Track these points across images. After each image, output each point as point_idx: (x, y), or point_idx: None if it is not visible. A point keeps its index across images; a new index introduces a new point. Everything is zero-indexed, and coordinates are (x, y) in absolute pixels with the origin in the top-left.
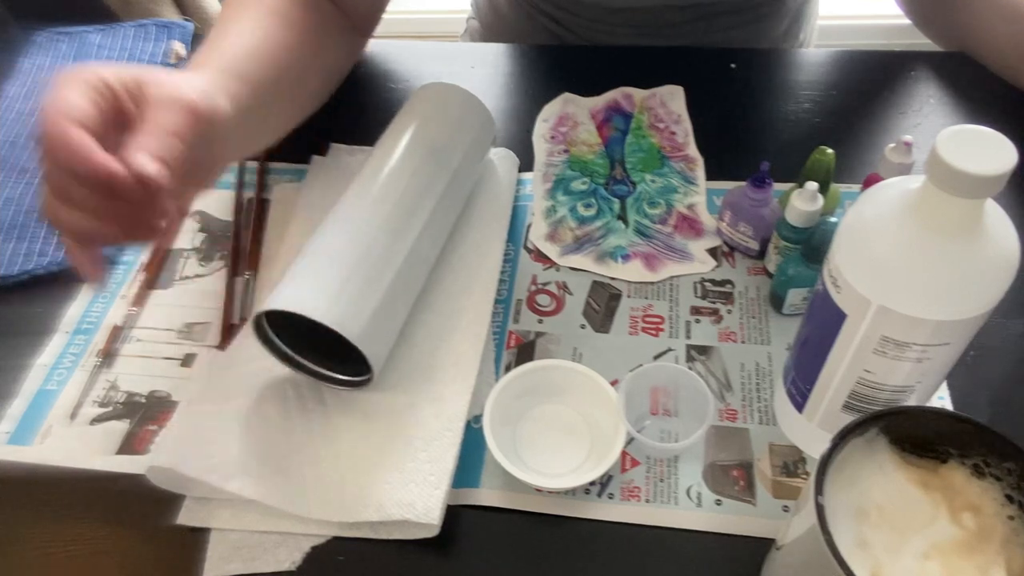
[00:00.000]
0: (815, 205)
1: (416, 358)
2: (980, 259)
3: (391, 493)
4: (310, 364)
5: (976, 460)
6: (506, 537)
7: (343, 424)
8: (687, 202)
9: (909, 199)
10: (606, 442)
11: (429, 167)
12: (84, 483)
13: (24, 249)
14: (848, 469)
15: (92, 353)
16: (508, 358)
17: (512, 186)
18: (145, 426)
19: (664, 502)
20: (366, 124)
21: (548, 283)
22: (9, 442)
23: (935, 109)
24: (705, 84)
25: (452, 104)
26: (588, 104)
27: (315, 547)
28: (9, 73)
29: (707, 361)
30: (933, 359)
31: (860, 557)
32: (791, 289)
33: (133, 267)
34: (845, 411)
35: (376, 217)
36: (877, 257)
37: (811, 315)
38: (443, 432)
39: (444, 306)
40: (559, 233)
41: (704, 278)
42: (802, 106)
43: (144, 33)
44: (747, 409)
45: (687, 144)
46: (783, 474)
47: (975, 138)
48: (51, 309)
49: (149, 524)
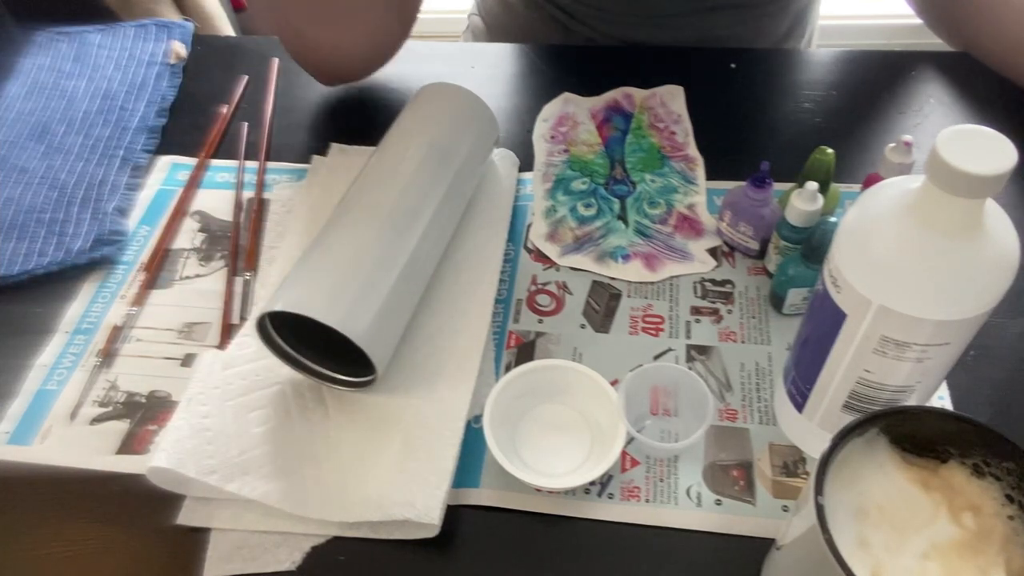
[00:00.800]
0: (815, 205)
1: (416, 358)
2: (980, 259)
3: (391, 493)
4: (313, 365)
5: (976, 460)
6: (506, 537)
7: (343, 424)
8: (687, 202)
9: (909, 199)
10: (606, 442)
11: (432, 167)
12: (84, 483)
13: (24, 249)
14: (848, 469)
15: (92, 353)
16: (508, 358)
17: (512, 186)
18: (145, 426)
19: (664, 502)
20: (366, 124)
21: (548, 283)
22: (9, 442)
23: (935, 109)
24: (705, 84)
25: (456, 105)
26: (588, 104)
27: (315, 547)
28: (9, 73)
29: (707, 361)
30: (933, 359)
31: (860, 557)
32: (791, 289)
33: (133, 267)
34: (845, 411)
35: (380, 217)
36: (877, 257)
37: (811, 315)
38: (443, 432)
39: (445, 307)
40: (559, 233)
41: (704, 278)
42: (802, 106)
43: (144, 33)
44: (747, 409)
45: (687, 144)
46: (783, 474)
47: (975, 138)
48: (51, 309)
49: (149, 524)
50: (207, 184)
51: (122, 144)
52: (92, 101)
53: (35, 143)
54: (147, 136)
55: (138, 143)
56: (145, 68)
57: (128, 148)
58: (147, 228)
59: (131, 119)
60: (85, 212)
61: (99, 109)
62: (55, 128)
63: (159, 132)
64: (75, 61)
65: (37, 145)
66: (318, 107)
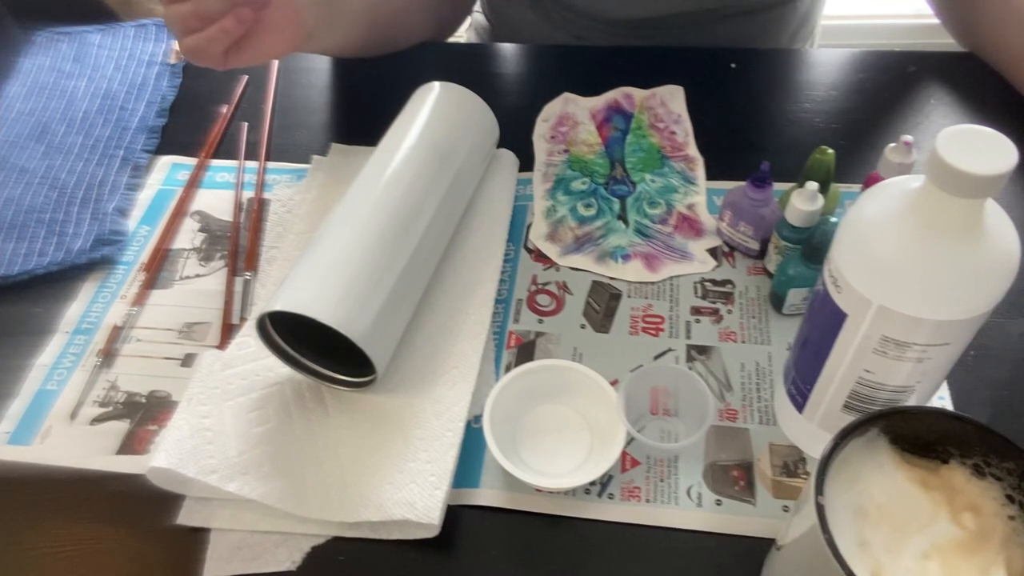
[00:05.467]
0: (815, 205)
1: (417, 358)
2: (980, 259)
3: (391, 493)
4: (313, 365)
5: (976, 460)
6: (506, 537)
7: (343, 424)
8: (687, 202)
9: (909, 199)
10: (606, 442)
11: (433, 167)
12: (84, 483)
13: (24, 249)
14: (848, 469)
15: (92, 353)
16: (508, 358)
17: (512, 186)
18: (145, 426)
19: (664, 502)
20: (366, 124)
21: (548, 283)
22: (9, 442)
23: (935, 109)
24: (705, 84)
25: (456, 105)
26: (588, 104)
27: (315, 547)
28: (9, 73)
29: (707, 361)
30: (933, 359)
31: (860, 557)
32: (791, 289)
33: (133, 267)
34: (845, 411)
35: (380, 218)
36: (877, 257)
37: (811, 315)
38: (443, 432)
39: (445, 307)
40: (559, 233)
41: (704, 278)
42: (802, 106)
43: (144, 33)
44: (747, 409)
45: (687, 144)
46: (783, 474)
47: (975, 138)
48: (51, 309)
49: (149, 524)
50: (207, 184)
51: (122, 144)
52: (92, 101)
53: (35, 143)
54: (147, 136)
55: (138, 143)
56: (145, 68)
57: (128, 148)
58: (147, 228)
59: (131, 119)
60: (85, 212)
61: (99, 109)
62: (55, 128)
63: (159, 132)
64: (75, 61)
65: (37, 145)
66: (318, 107)
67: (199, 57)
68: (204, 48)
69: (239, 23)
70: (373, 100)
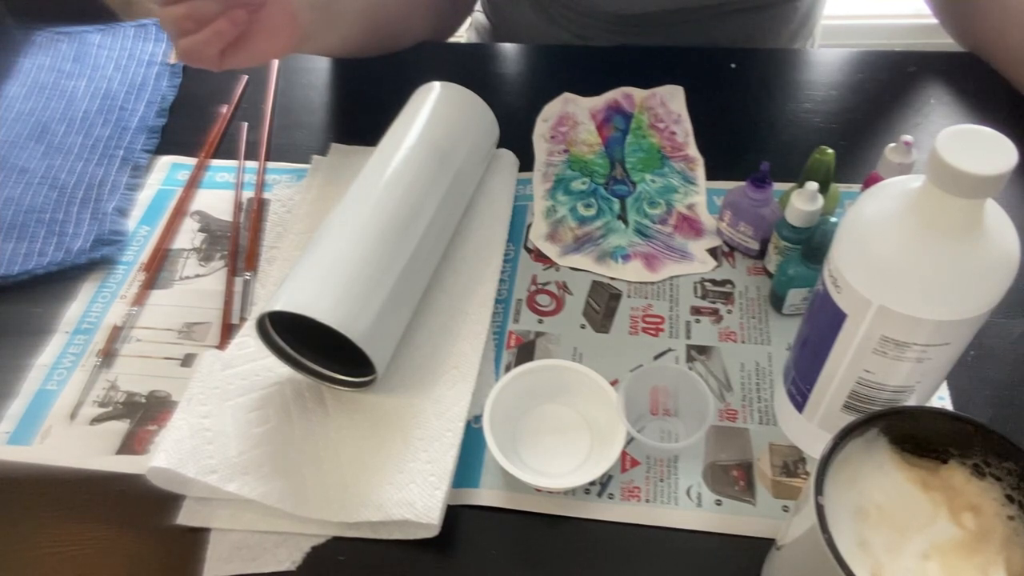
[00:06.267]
0: (815, 205)
1: (417, 359)
2: (980, 259)
3: (391, 493)
4: (313, 365)
5: (976, 460)
6: (506, 537)
7: (343, 424)
8: (687, 202)
9: (909, 199)
10: (606, 442)
11: (433, 167)
12: (84, 483)
13: (24, 249)
14: (848, 469)
15: (92, 353)
16: (508, 358)
17: (512, 186)
18: (145, 426)
19: (664, 502)
20: (366, 124)
21: (548, 283)
22: (9, 442)
23: (935, 109)
24: (705, 84)
25: (456, 105)
26: (588, 104)
27: (315, 547)
28: (9, 73)
29: (707, 361)
30: (933, 359)
31: (860, 557)
32: (791, 289)
33: (133, 267)
34: (845, 411)
35: (380, 218)
36: (877, 257)
37: (811, 315)
38: (443, 432)
39: (445, 307)
40: (559, 233)
41: (704, 278)
42: (802, 106)
43: (144, 33)
44: (747, 409)
45: (687, 144)
46: (783, 474)
47: (975, 138)
48: (51, 309)
49: (149, 524)
50: (207, 184)
51: (122, 144)
52: (92, 101)
53: (35, 143)
54: (147, 136)
55: (138, 143)
56: (145, 68)
57: (128, 148)
58: (147, 228)
59: (131, 119)
60: (85, 212)
61: (99, 109)
62: (55, 128)
63: (159, 132)
64: (75, 61)
65: (37, 145)
66: (318, 107)
67: (194, 59)
68: (199, 50)
69: (233, 25)
70: (373, 100)
